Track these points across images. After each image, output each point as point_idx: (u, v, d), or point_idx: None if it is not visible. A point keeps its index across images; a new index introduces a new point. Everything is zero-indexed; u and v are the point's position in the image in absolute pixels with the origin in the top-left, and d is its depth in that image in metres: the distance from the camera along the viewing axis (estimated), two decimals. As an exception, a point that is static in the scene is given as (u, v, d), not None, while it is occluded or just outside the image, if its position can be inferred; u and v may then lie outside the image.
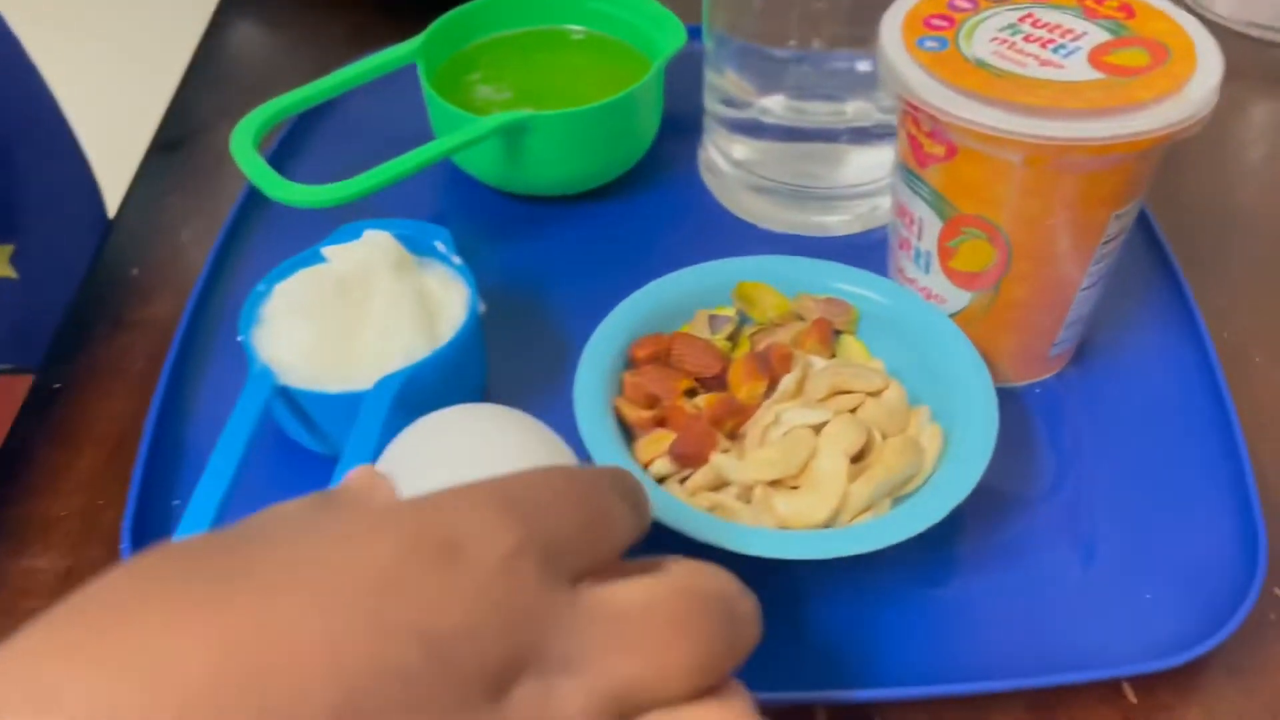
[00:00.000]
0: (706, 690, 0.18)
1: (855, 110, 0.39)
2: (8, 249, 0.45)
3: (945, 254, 0.32)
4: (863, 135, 0.40)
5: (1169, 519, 0.31)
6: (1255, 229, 0.42)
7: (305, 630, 0.16)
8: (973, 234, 0.31)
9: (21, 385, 0.38)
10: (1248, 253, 0.40)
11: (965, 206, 0.31)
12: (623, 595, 0.18)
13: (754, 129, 0.41)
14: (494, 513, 0.18)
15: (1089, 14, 0.31)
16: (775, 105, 0.40)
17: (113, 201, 0.45)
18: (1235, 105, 0.48)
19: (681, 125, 0.43)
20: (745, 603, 0.20)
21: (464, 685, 0.16)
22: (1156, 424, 0.33)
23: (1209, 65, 0.29)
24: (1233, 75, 0.30)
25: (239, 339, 0.31)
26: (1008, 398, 0.34)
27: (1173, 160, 0.43)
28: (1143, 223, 0.40)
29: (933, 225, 0.32)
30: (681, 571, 0.19)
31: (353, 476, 0.24)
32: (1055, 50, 0.29)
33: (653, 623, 0.18)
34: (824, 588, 0.30)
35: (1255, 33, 0.50)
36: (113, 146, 0.50)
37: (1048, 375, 0.35)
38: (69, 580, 0.30)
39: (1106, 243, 0.31)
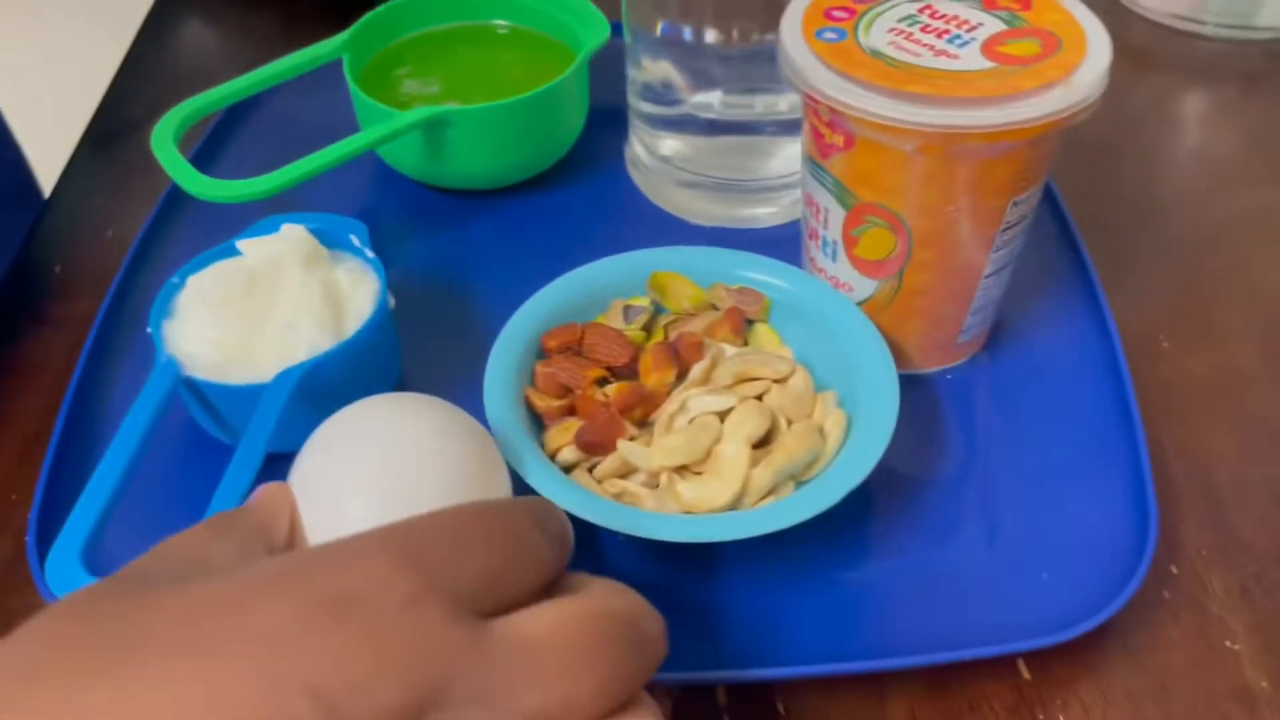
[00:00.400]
0: (617, 709, 0.19)
1: (789, 103, 0.39)
2: None
3: (850, 242, 0.33)
4: (790, 127, 0.40)
5: (1069, 501, 0.31)
6: (1173, 218, 0.42)
7: (199, 692, 0.16)
8: (874, 222, 0.32)
9: None
10: (1164, 242, 0.41)
11: (866, 195, 0.31)
12: (531, 626, 0.19)
13: (681, 124, 0.41)
14: (387, 564, 0.18)
15: (987, 5, 0.31)
16: (712, 100, 0.40)
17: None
18: (1156, 95, 0.48)
19: (608, 120, 0.43)
20: (653, 623, 0.20)
21: None
22: (1061, 409, 0.34)
23: (1097, 54, 0.29)
24: (1155, 66, 0.30)
25: (148, 330, 0.31)
26: (917, 384, 0.35)
27: (1092, 150, 0.44)
28: (1056, 213, 0.40)
29: (837, 214, 0.32)
30: (592, 594, 0.20)
31: (258, 496, 0.24)
32: (950, 41, 0.30)
33: (562, 651, 0.18)
34: (727, 570, 0.30)
35: (1178, 24, 0.51)
36: (50, 138, 0.49)
37: (957, 362, 0.36)
38: (-23, 575, 0.31)
39: (1006, 229, 0.32)
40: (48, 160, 0.47)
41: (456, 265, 0.39)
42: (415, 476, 0.24)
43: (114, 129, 0.46)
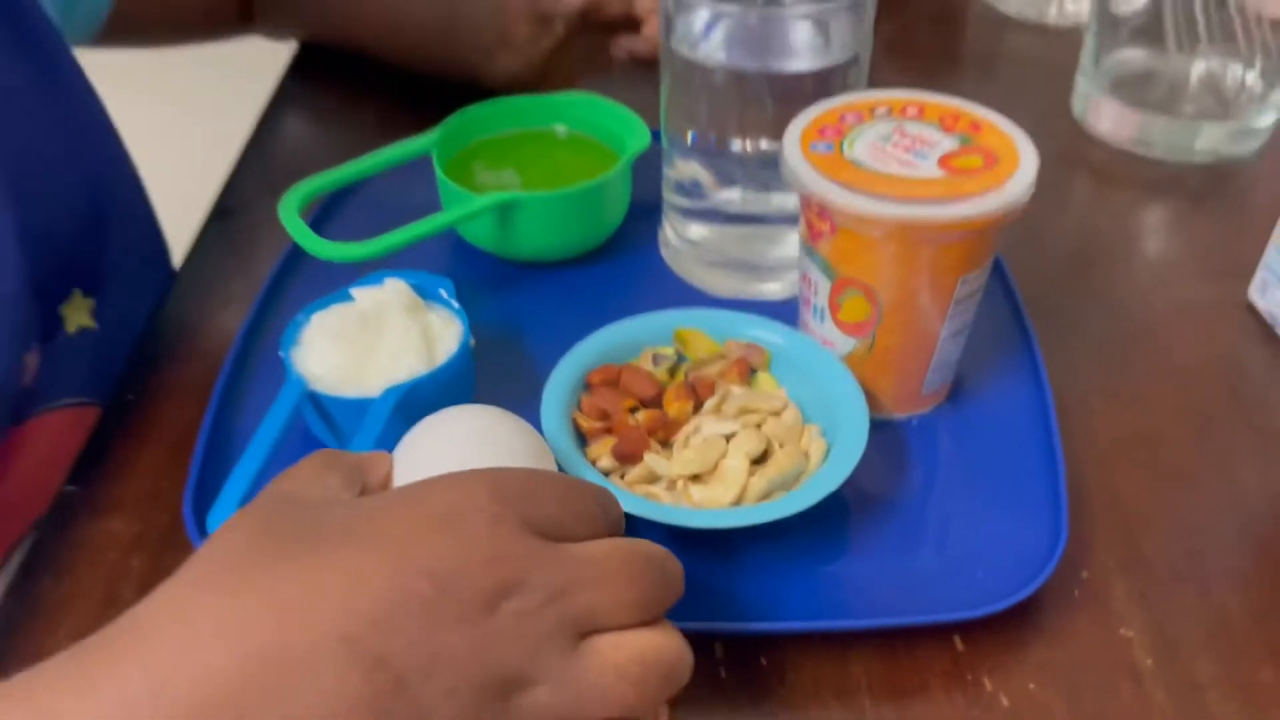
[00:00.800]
0: (647, 622, 0.27)
1: (794, 200, 0.48)
2: (89, 302, 0.52)
3: (834, 308, 0.41)
4: (795, 219, 0.49)
5: (1001, 517, 0.39)
6: (1114, 304, 0.50)
7: (356, 572, 0.25)
8: (853, 293, 0.40)
9: (91, 415, 0.47)
10: (1105, 323, 0.49)
11: (846, 271, 0.40)
12: (589, 548, 0.27)
13: (707, 215, 0.50)
14: (481, 491, 0.27)
15: (946, 129, 0.40)
16: (733, 196, 0.49)
17: (175, 259, 0.55)
18: (1111, 207, 0.57)
19: (646, 209, 0.53)
20: (674, 564, 0.28)
21: (462, 605, 0.25)
22: (1002, 449, 0.42)
23: (1026, 170, 0.38)
24: (1112, 183, 0.39)
25: (280, 354, 0.40)
26: (889, 427, 0.43)
27: (1050, 247, 0.53)
28: (1009, 294, 0.49)
29: (824, 286, 0.41)
30: (630, 539, 0.28)
31: (361, 455, 0.32)
32: (914, 154, 0.39)
33: (612, 566, 0.27)
34: (728, 553, 0.38)
35: (1132, 148, 0.60)
36: (178, 210, 0.59)
37: (923, 410, 0.44)
38: (140, 540, 0.39)
39: (958, 302, 0.40)
40: (179, 230, 0.57)
41: (521, 318, 0.48)
42: (489, 457, 0.32)
43: (235, 205, 0.55)
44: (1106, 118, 0.61)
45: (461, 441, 0.32)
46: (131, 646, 0.24)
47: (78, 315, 0.50)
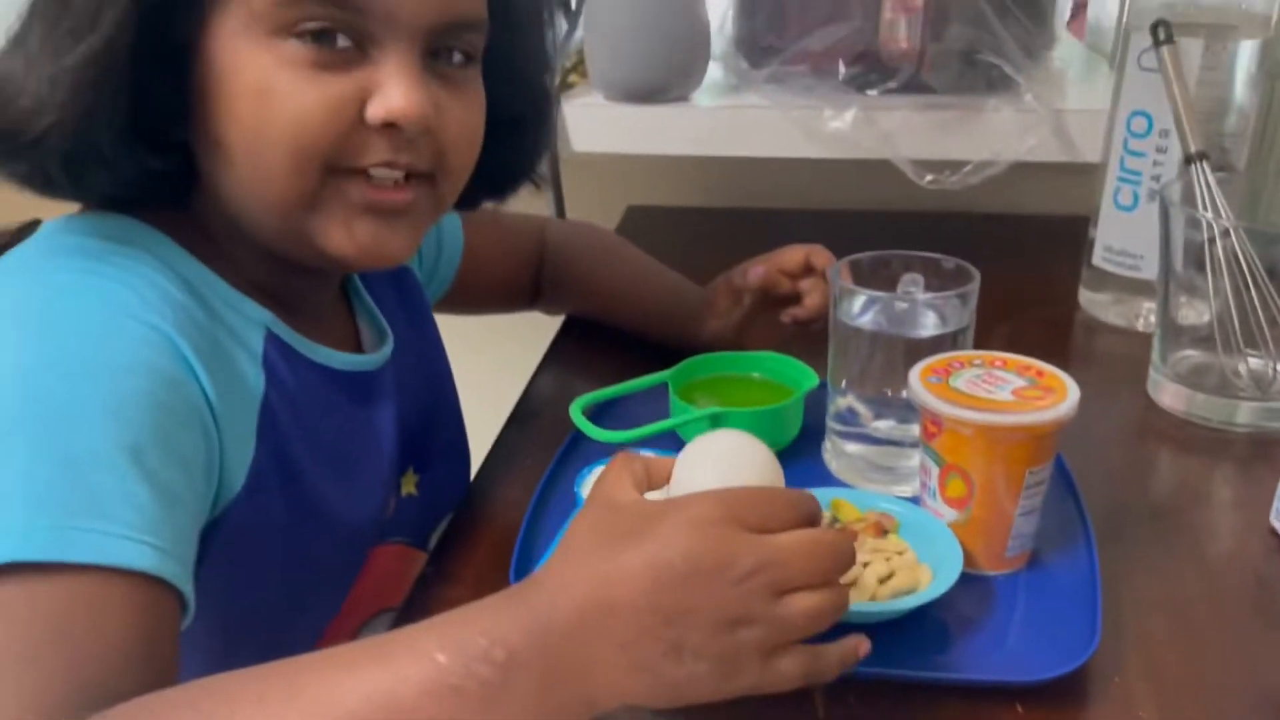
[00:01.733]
0: (826, 583, 0.45)
1: (913, 427, 0.69)
2: (415, 477, 0.76)
3: (942, 488, 0.61)
4: (917, 442, 0.69)
5: (1057, 631, 0.56)
6: (1158, 516, 0.68)
7: (645, 558, 0.44)
8: (955, 476, 0.60)
9: (411, 553, 0.70)
10: (1150, 530, 0.66)
11: (950, 460, 0.60)
12: (783, 538, 0.44)
13: (859, 437, 0.71)
14: (714, 505, 0.47)
15: (1019, 374, 0.61)
16: (881, 425, 0.70)
17: (479, 448, 0.79)
18: (1171, 461, 0.75)
19: (814, 431, 0.74)
20: (845, 544, 0.46)
21: (701, 575, 0.43)
22: (1057, 601, 0.59)
23: (1069, 402, 0.58)
24: (1174, 445, 0.57)
25: (574, 489, 0.62)
26: (982, 580, 0.61)
27: (1121, 482, 0.71)
28: (1078, 505, 0.67)
29: (935, 471, 0.61)
30: (816, 529, 0.46)
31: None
32: (996, 387, 0.60)
33: (797, 550, 0.44)
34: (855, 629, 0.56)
35: (1187, 417, 0.78)
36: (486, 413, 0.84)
37: (1008, 570, 0.61)
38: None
39: (1028, 488, 0.59)
40: (483, 426, 0.81)
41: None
42: (737, 469, 0.52)
43: (529, 411, 0.80)
44: (1168, 395, 0.80)
45: (718, 459, 0.53)
46: (527, 596, 0.45)
47: (407, 485, 0.74)
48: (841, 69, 0.99)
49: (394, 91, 0.53)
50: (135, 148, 0.52)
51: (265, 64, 0.52)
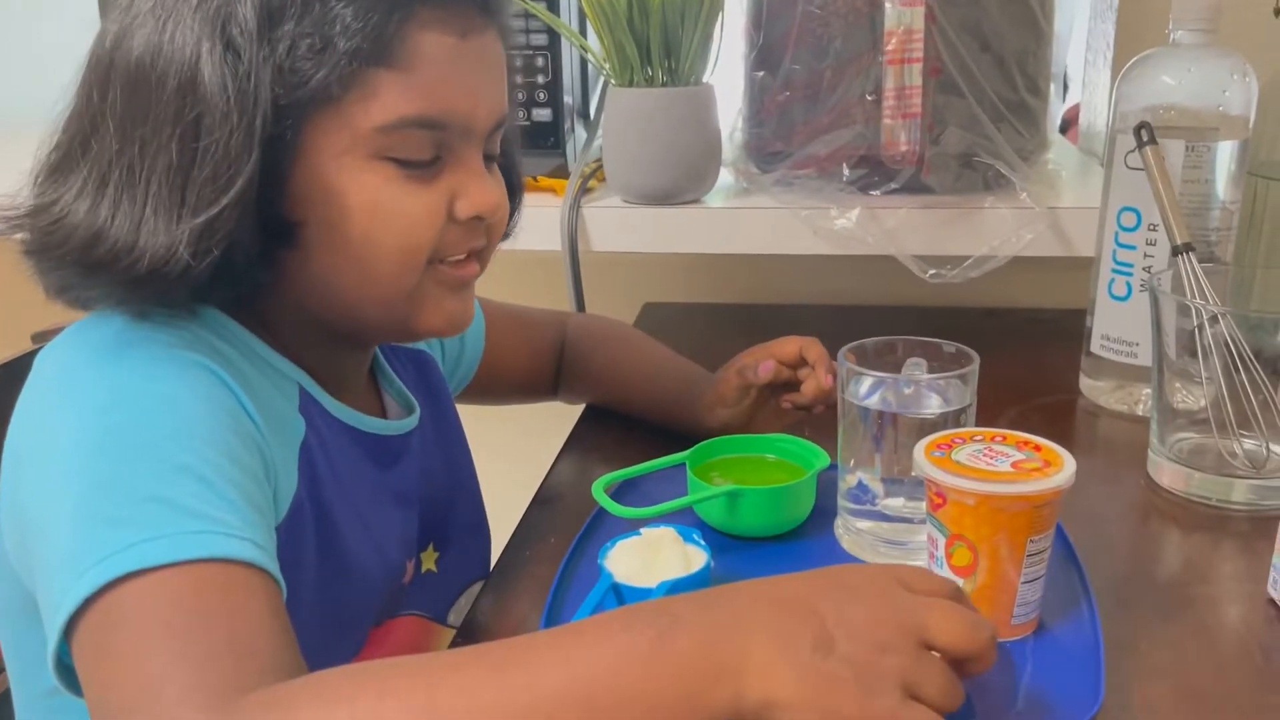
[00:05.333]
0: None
1: (920, 504, 0.72)
2: (436, 554, 0.80)
3: (948, 556, 0.64)
4: (925, 518, 0.72)
5: (1063, 696, 0.58)
6: (1159, 592, 0.70)
7: (838, 573, 0.50)
8: (960, 545, 0.63)
9: (430, 626, 0.73)
10: (1153, 600, 0.69)
11: (954, 530, 0.63)
12: (943, 602, 0.49)
13: (870, 515, 0.74)
14: (883, 569, 0.51)
15: (1018, 448, 0.65)
16: (891, 502, 0.73)
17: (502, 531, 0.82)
18: (1172, 536, 0.78)
19: (827, 508, 0.77)
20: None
21: (866, 597, 0.47)
22: (1066, 666, 0.61)
23: (1066, 472, 0.61)
24: (1174, 522, 0.61)
25: (598, 562, 0.65)
26: (989, 645, 0.63)
27: (1120, 553, 0.74)
28: (1082, 578, 0.69)
29: (941, 541, 0.64)
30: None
31: None
32: (996, 460, 0.63)
33: (948, 607, 0.48)
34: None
35: (1185, 496, 0.81)
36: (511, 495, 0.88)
37: (1015, 637, 0.64)
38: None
39: (1030, 556, 0.62)
40: (505, 509, 0.85)
41: (737, 565, 0.71)
42: None
43: (551, 493, 0.83)
44: (1168, 475, 0.83)
45: None
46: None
47: (428, 561, 0.77)
48: (846, 171, 1.05)
49: (476, 190, 0.62)
50: (238, 266, 0.58)
51: (371, 183, 0.59)
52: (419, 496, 0.74)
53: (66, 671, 0.50)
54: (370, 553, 0.67)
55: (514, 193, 0.73)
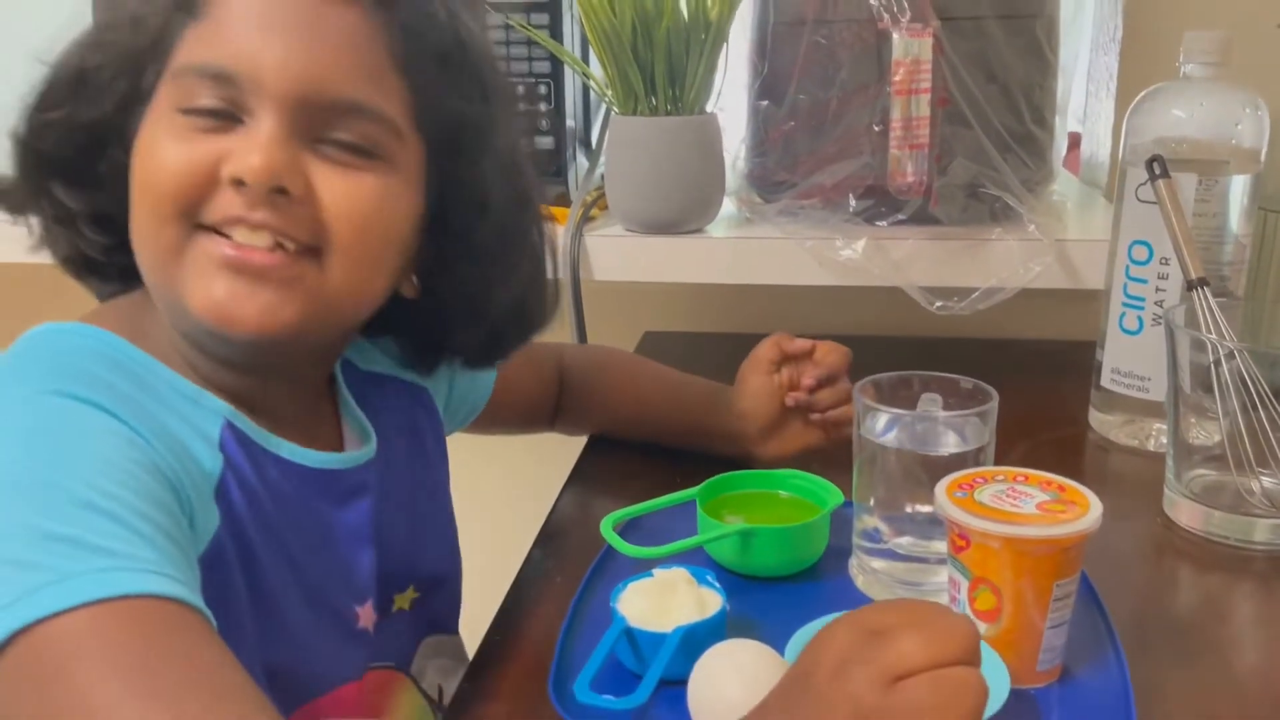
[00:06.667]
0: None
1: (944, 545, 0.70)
2: (414, 595, 0.75)
3: (971, 600, 0.62)
4: (945, 559, 0.71)
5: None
6: (1184, 632, 0.68)
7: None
8: (984, 589, 0.61)
9: (399, 679, 0.70)
10: (1177, 644, 0.67)
11: (978, 573, 0.61)
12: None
13: (884, 554, 0.72)
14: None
15: (1042, 488, 0.63)
16: (903, 541, 0.72)
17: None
18: (1184, 571, 0.76)
19: (841, 548, 0.75)
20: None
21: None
22: (1095, 713, 0.59)
23: (1093, 515, 0.60)
24: (1191, 561, 0.59)
25: (611, 605, 0.63)
26: (1015, 694, 0.61)
27: (1145, 592, 0.72)
28: (1105, 620, 0.68)
29: (964, 585, 0.62)
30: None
31: None
32: (1020, 501, 0.61)
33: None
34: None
35: (1204, 535, 0.80)
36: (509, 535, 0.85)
37: (1040, 684, 0.62)
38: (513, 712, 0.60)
39: (1056, 600, 0.60)
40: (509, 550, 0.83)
41: (750, 608, 0.69)
42: (760, 672, 0.54)
43: (560, 529, 0.81)
44: (1185, 513, 0.81)
45: (740, 663, 0.55)
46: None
47: (401, 602, 0.73)
48: (852, 202, 1.03)
49: (246, 151, 0.56)
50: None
51: (154, 132, 0.58)
52: (380, 535, 0.68)
53: None
54: (297, 601, 0.62)
55: (481, 208, 0.65)
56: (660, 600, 0.64)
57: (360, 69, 0.57)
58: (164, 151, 0.57)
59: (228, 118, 0.57)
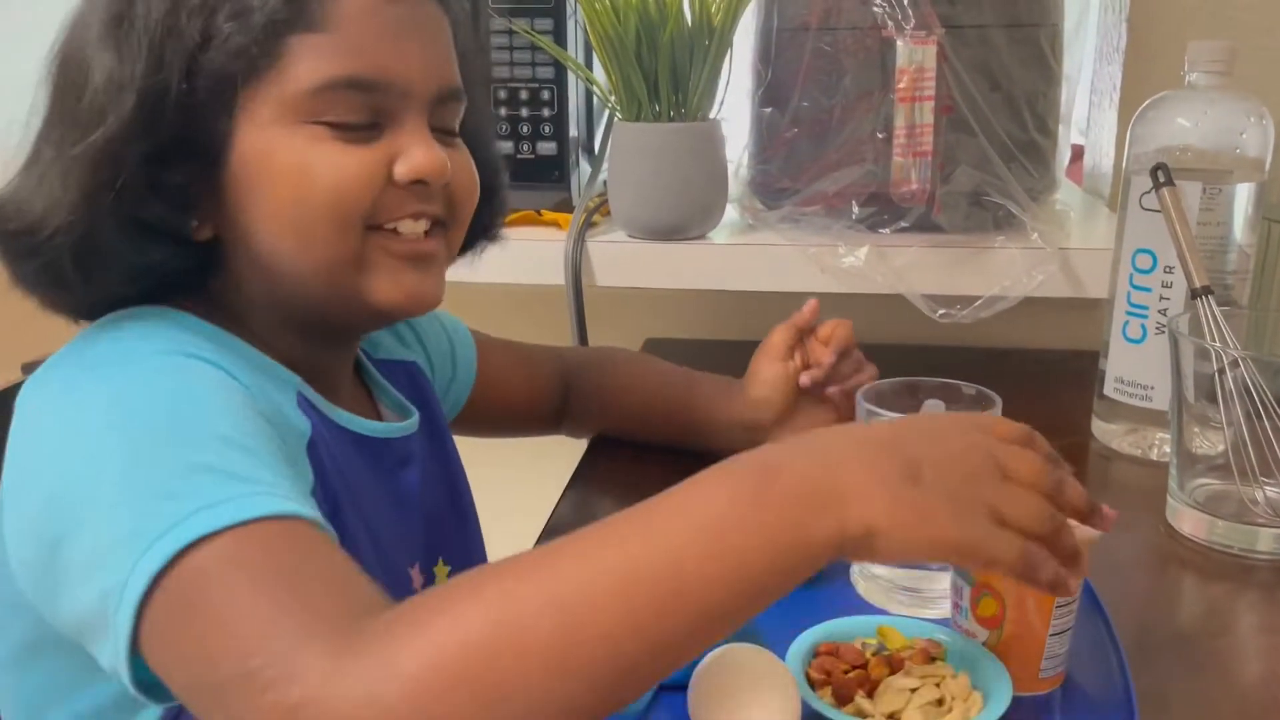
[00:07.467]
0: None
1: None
2: (447, 569, 0.76)
3: (974, 607, 0.62)
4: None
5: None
6: (1186, 639, 0.68)
7: (917, 418, 0.58)
8: (986, 595, 0.61)
9: None
10: (1178, 652, 0.67)
11: (980, 579, 0.61)
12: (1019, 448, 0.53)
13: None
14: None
15: (1049, 498, 0.63)
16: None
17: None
18: (1186, 580, 0.76)
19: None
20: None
21: (943, 433, 0.51)
22: (1095, 715, 0.59)
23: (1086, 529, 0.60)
24: (1195, 571, 0.59)
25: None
26: (1018, 701, 0.61)
27: (1147, 604, 0.72)
28: (1108, 628, 0.67)
29: (966, 591, 0.62)
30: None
31: None
32: (1027, 510, 0.61)
33: (1029, 458, 0.52)
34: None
35: (1208, 545, 0.80)
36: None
37: (1043, 690, 0.62)
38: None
39: (1059, 607, 0.60)
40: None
41: (774, 620, 0.69)
42: (761, 677, 0.53)
43: (561, 532, 0.81)
44: (1189, 523, 0.81)
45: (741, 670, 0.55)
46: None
47: (441, 576, 0.75)
48: (855, 209, 1.04)
49: (417, 152, 0.61)
50: (142, 240, 0.58)
51: (300, 146, 0.58)
52: (421, 503, 0.73)
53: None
54: (371, 561, 0.65)
55: (491, 180, 0.72)
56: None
57: (451, 59, 0.65)
58: (334, 165, 0.59)
59: (373, 125, 0.60)
